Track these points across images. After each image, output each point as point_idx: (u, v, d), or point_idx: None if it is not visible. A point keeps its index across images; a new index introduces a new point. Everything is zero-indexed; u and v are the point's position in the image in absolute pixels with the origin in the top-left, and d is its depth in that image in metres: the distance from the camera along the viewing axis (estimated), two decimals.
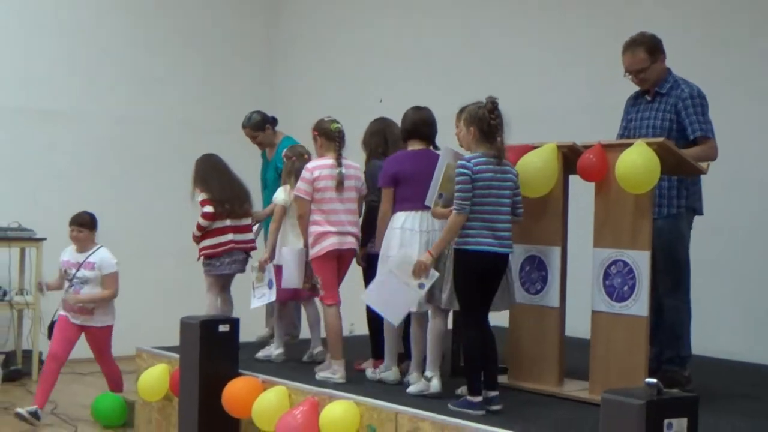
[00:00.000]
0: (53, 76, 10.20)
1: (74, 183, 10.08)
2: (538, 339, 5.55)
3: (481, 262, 4.95)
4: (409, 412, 4.95)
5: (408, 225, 5.46)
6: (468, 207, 4.84)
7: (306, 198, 5.86)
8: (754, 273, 6.94)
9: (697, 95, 5.49)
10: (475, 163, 4.87)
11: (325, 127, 6.03)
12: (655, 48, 5.67)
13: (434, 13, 9.57)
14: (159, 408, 6.72)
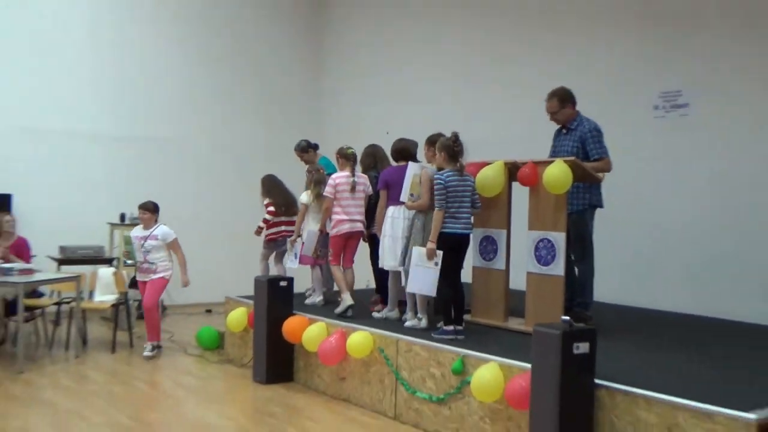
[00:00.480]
0: (171, 115, 10.07)
1: (178, 186, 9.96)
2: (491, 290, 5.72)
3: (452, 240, 5.21)
4: (406, 339, 5.16)
5: (395, 215, 5.74)
6: (444, 205, 5.12)
7: (330, 197, 6.16)
8: (635, 242, 7.08)
9: (595, 129, 5.62)
10: (446, 177, 5.15)
11: (343, 152, 6.31)
12: (564, 98, 5.75)
13: (430, 69, 9.33)
14: (240, 336, 6.81)
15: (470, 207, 5.34)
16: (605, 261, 6.87)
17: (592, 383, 3.93)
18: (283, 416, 5.26)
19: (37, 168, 9.03)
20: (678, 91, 6.83)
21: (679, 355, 4.89)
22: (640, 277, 7.05)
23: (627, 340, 5.28)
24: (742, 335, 5.67)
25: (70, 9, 9.31)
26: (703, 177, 6.67)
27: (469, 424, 4.62)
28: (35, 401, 5.48)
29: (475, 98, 8.65)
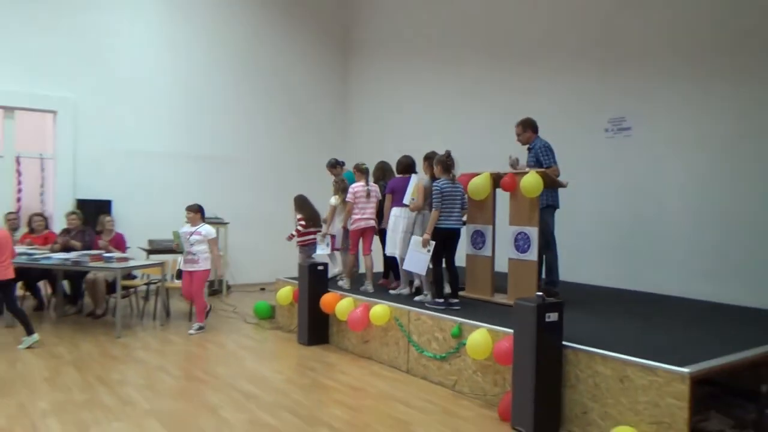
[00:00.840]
0: (231, 139, 10.01)
1: (236, 194, 9.96)
2: (480, 272, 5.68)
3: (445, 233, 5.21)
4: (415, 310, 5.14)
5: (398, 214, 5.82)
6: (440, 206, 5.13)
7: (351, 201, 6.21)
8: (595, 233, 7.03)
9: (544, 146, 5.66)
10: (442, 184, 5.18)
11: (359, 167, 6.38)
12: (526, 125, 5.87)
13: (434, 99, 9.26)
14: (287, 308, 6.80)
15: (460, 208, 5.33)
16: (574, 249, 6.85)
17: (561, 345, 3.91)
18: (321, 370, 5.24)
19: (130, 180, 9.04)
20: (622, 117, 6.80)
21: (630, 324, 4.83)
22: (600, 260, 6.95)
23: (589, 312, 5.21)
24: (684, 309, 5.55)
25: (156, 60, 9.32)
26: (641, 180, 6.62)
27: (465, 376, 4.60)
28: (130, 359, 5.48)
29: (468, 123, 8.57)
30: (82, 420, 3.92)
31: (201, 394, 4.51)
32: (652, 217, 6.52)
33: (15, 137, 8.39)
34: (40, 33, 8.36)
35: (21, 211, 8.21)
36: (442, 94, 9.16)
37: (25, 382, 4.68)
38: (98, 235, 7.55)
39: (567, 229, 6.68)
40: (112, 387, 4.62)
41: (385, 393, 4.61)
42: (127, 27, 9.06)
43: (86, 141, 8.72)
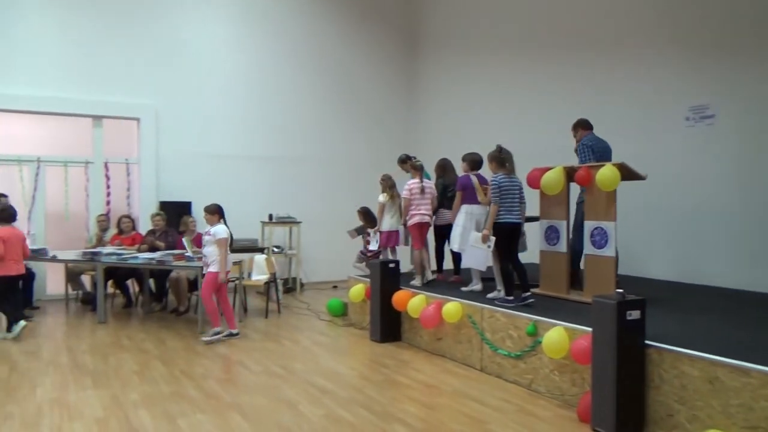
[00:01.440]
0: (303, 139, 10.15)
1: (309, 192, 10.13)
2: (555, 269, 5.55)
3: (506, 228, 5.15)
4: (489, 308, 5.06)
5: (470, 211, 5.84)
6: (498, 201, 5.11)
7: (408, 198, 6.27)
8: (678, 225, 6.71)
9: (582, 144, 5.77)
10: (499, 179, 5.15)
11: (414, 164, 6.44)
12: (575, 126, 6.04)
13: (503, 93, 9.09)
14: (359, 305, 6.86)
15: (519, 202, 5.26)
16: (655, 242, 6.59)
17: (643, 344, 3.75)
18: (394, 366, 5.26)
19: (209, 181, 9.37)
20: (705, 106, 6.45)
21: (710, 320, 4.58)
22: (684, 255, 6.63)
23: (666, 309, 4.98)
24: (763, 305, 5.22)
25: (230, 64, 9.63)
26: (726, 170, 6.26)
27: (542, 376, 4.49)
28: (212, 353, 5.69)
29: (539, 118, 8.37)
30: (169, 411, 4.11)
31: (279, 388, 4.63)
32: (731, 208, 6.17)
33: (103, 144, 8.90)
34: (121, 45, 8.82)
35: (110, 213, 8.69)
36: (511, 88, 8.96)
37: (118, 375, 4.96)
38: (181, 235, 7.89)
39: (644, 218, 6.44)
40: (196, 380, 4.82)
41: (459, 391, 4.57)
42: (202, 35, 9.42)
43: (167, 145, 9.14)
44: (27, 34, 8.29)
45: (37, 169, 8.51)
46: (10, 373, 5.00)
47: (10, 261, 6.24)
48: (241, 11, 9.72)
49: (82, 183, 8.81)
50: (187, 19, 9.31)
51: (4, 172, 8.40)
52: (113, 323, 7.02)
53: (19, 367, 5.21)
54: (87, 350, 5.77)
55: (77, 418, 3.97)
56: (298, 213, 9.53)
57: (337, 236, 9.38)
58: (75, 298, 8.31)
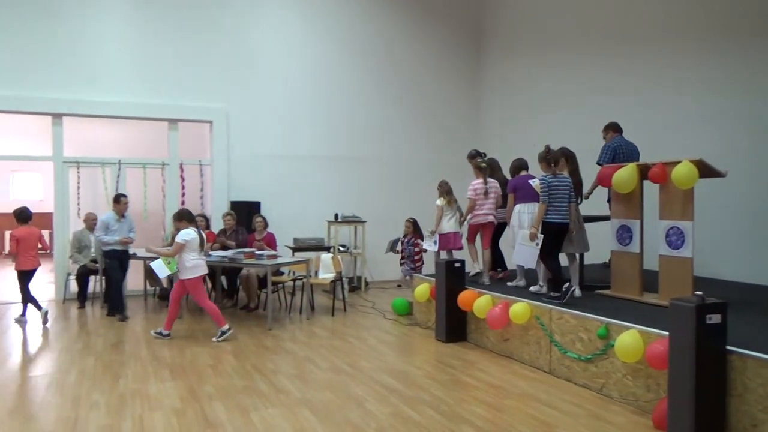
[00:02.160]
0: (367, 140, 10.25)
1: (372, 192, 10.20)
2: (628, 270, 5.37)
3: (553, 228, 5.17)
4: (557, 309, 4.94)
5: (523, 210, 5.87)
6: (547, 200, 5.13)
7: (472, 198, 6.42)
8: (750, 219, 6.36)
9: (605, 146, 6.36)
10: (548, 179, 5.18)
11: (478, 164, 6.52)
12: (607, 128, 6.59)
13: (568, 93, 8.91)
14: (424, 305, 6.84)
15: (568, 202, 5.24)
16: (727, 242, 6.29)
17: (725, 349, 3.56)
18: (460, 367, 5.23)
19: (277, 182, 9.62)
20: None
21: None
22: (761, 256, 6.28)
23: (748, 312, 4.74)
24: None
25: (298, 67, 9.83)
26: None
27: (614, 380, 4.35)
28: (280, 350, 5.83)
29: (608, 116, 8.07)
30: (242, 404, 4.24)
31: (346, 385, 4.69)
32: None
33: (178, 146, 9.28)
34: (195, 52, 9.16)
35: None
36: (579, 86, 8.75)
37: (193, 368, 5.16)
38: (252, 234, 8.13)
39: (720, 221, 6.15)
40: (266, 375, 4.95)
41: (527, 393, 4.50)
42: (270, 39, 9.65)
43: (238, 147, 9.43)
44: (109, 44, 8.75)
45: (119, 171, 8.96)
46: (95, 364, 5.29)
47: (26, 257, 7.00)
48: (308, 15, 9.90)
49: (159, 184, 9.21)
50: (256, 25, 9.56)
51: (89, 173, 8.90)
52: (188, 318, 7.31)
53: (103, 358, 5.51)
54: (165, 343, 6.03)
55: (157, 408, 4.16)
56: (363, 212, 9.61)
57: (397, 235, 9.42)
58: (153, 293, 8.71)
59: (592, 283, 5.95)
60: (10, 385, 4.73)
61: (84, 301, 8.07)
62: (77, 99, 8.56)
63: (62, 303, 8.29)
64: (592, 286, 5.82)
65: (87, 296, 8.14)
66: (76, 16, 8.57)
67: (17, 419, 3.96)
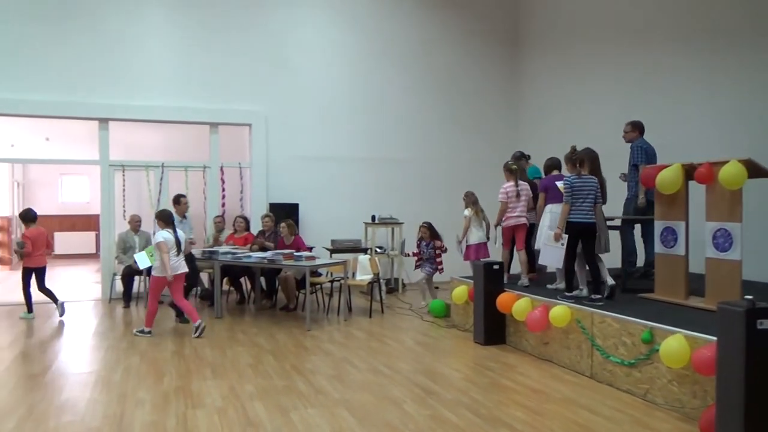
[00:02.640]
0: (405, 142, 10.26)
1: (410, 193, 10.20)
2: (672, 272, 5.24)
3: (577, 227, 5.26)
4: (599, 313, 4.85)
5: (553, 210, 5.91)
6: (570, 200, 5.26)
7: (503, 201, 6.46)
8: None
9: (638, 147, 6.30)
10: (572, 180, 5.26)
11: (509, 167, 6.53)
12: (635, 126, 6.49)
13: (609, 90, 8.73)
14: (462, 307, 6.79)
15: (593, 203, 5.26)
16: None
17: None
18: (499, 370, 5.17)
19: (314, 184, 9.72)
20: None
21: None
22: None
23: None
24: None
25: (335, 70, 9.91)
26: None
27: (659, 386, 4.24)
28: (319, 350, 5.87)
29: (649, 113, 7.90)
30: (282, 404, 4.28)
31: (385, 387, 4.69)
32: None
33: (219, 149, 9.45)
34: (234, 56, 9.33)
35: (225, 215, 9.22)
36: (618, 84, 8.56)
37: (234, 367, 5.24)
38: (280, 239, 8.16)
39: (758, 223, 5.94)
40: (305, 375, 4.99)
41: (568, 398, 4.42)
42: (308, 42, 9.75)
43: (276, 149, 9.55)
44: (152, 51, 8.98)
45: (161, 174, 9.18)
46: (141, 362, 5.43)
47: (38, 255, 7.36)
48: (347, 17, 9.97)
49: (201, 186, 9.40)
50: (295, 28, 9.68)
51: (133, 176, 9.15)
52: (228, 318, 7.43)
53: (148, 356, 5.64)
54: (206, 343, 6.15)
55: (199, 406, 4.24)
56: (400, 214, 9.61)
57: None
58: (195, 294, 8.88)
59: (634, 286, 5.81)
60: (59, 381, 4.89)
61: (129, 300, 8.29)
62: (123, 104, 8.81)
63: (108, 302, 8.54)
64: (634, 289, 5.69)
65: (132, 296, 8.35)
66: (121, 25, 8.82)
67: (66, 415, 4.09)
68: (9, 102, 8.36)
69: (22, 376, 5.05)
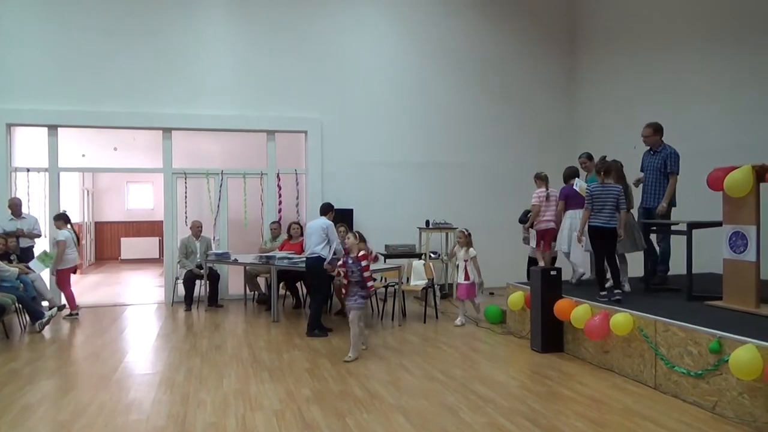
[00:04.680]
0: (458, 146, 10.19)
1: (464, 198, 10.10)
2: (742, 279, 4.99)
3: (598, 231, 5.67)
4: (663, 320, 4.67)
5: (574, 216, 6.53)
6: (590, 207, 5.71)
7: (536, 204, 6.93)
8: None
9: (674, 153, 6.17)
10: (592, 189, 5.77)
11: (539, 175, 7.04)
12: (657, 129, 6.31)
13: (668, 88, 8.42)
14: (518, 313, 6.68)
15: (614, 209, 5.60)
16: None
17: None
18: (557, 378, 5.06)
19: (368, 189, 9.76)
20: None
21: None
22: None
23: None
24: None
25: (388, 77, 9.97)
26: None
27: (728, 399, 4.05)
28: (373, 356, 5.88)
29: (714, 111, 7.61)
30: (338, 409, 4.32)
31: (440, 393, 4.67)
32: None
33: (276, 156, 9.65)
34: (290, 64, 9.50)
35: (281, 220, 9.40)
36: (680, 83, 8.25)
37: (291, 371, 5.33)
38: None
39: None
40: (360, 380, 5.02)
41: (630, 409, 4.27)
42: (362, 48, 9.84)
43: (331, 156, 9.67)
44: (210, 61, 9.26)
45: (221, 181, 9.44)
46: (202, 364, 5.59)
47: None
48: (402, 22, 10.00)
49: (258, 193, 9.61)
50: (349, 34, 9.78)
51: (194, 183, 9.45)
52: (285, 322, 7.56)
53: (209, 359, 5.80)
54: (264, 346, 6.27)
55: (258, 409, 4.33)
56: (454, 219, 9.54)
57: (493, 242, 9.26)
58: (252, 298, 9.08)
59: (701, 293, 5.57)
60: (126, 382, 5.09)
61: (191, 303, 8.55)
62: (184, 114, 9.12)
63: (170, 305, 8.83)
64: (701, 297, 5.46)
65: (193, 299, 8.61)
66: (182, 37, 9.15)
67: (133, 414, 4.26)
68: (80, 114, 8.79)
69: (93, 375, 5.28)
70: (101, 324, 7.59)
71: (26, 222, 8.07)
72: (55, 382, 5.06)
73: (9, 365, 5.59)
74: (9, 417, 4.18)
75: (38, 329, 6.99)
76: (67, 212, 8.39)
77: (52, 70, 8.72)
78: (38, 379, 5.13)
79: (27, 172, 8.82)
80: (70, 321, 7.67)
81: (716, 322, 4.43)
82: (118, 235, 15.73)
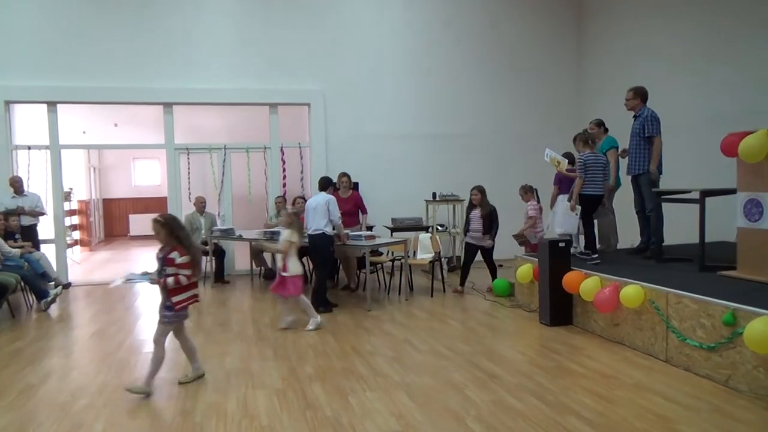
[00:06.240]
0: (467, 116, 10.02)
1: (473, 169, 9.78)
2: (757, 249, 4.81)
3: (591, 198, 5.96)
4: (675, 292, 4.52)
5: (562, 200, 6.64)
6: (583, 176, 5.88)
7: (534, 217, 7.31)
8: None
9: (651, 116, 6.00)
10: (585, 157, 5.93)
11: (527, 188, 7.45)
12: (638, 93, 6.16)
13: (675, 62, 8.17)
14: (527, 286, 6.59)
15: (602, 178, 5.91)
16: None
17: None
18: (566, 353, 4.94)
19: (374, 162, 9.62)
20: None
21: None
22: None
23: None
24: None
25: (394, 47, 9.75)
26: None
27: (742, 372, 3.92)
28: (379, 331, 5.81)
29: (728, 77, 7.34)
30: (341, 387, 4.24)
31: (445, 370, 4.57)
32: None
33: (279, 130, 9.48)
34: (292, 35, 9.29)
35: (286, 195, 9.28)
36: (693, 48, 8.00)
37: (295, 348, 5.26)
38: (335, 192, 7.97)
39: None
40: (365, 357, 4.94)
41: (640, 383, 4.16)
42: (366, 19, 9.60)
43: (335, 128, 9.51)
44: (210, 34, 9.07)
45: (224, 156, 9.31)
46: (206, 342, 5.53)
47: None
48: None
49: (262, 167, 9.48)
50: (349, 2, 9.53)
51: (197, 159, 9.33)
52: (290, 298, 7.47)
53: (212, 336, 5.75)
54: (269, 323, 6.21)
55: (259, 387, 4.26)
56: (461, 191, 9.37)
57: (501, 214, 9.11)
58: (258, 273, 9.02)
59: (714, 263, 5.40)
60: (129, 360, 5.05)
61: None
62: (185, 88, 8.96)
63: None
64: (714, 267, 5.29)
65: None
66: (181, 10, 8.94)
67: (131, 393, 4.19)
68: (78, 90, 8.66)
69: (97, 353, 5.24)
70: (108, 301, 7.56)
71: (28, 200, 8.03)
72: (59, 361, 5.03)
73: (13, 344, 5.57)
74: (8, 399, 4.14)
75: (43, 308, 6.97)
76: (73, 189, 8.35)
77: (49, 46, 8.56)
78: (41, 359, 5.10)
79: (28, 150, 8.73)
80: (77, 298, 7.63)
81: (730, 293, 4.27)
82: (126, 212, 15.71)
